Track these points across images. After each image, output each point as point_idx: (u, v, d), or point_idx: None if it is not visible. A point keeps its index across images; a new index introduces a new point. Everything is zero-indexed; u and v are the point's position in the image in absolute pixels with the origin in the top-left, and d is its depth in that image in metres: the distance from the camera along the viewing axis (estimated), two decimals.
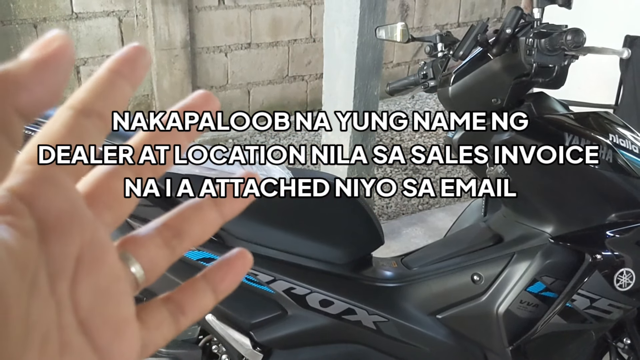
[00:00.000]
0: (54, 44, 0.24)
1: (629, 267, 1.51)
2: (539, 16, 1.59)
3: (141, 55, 0.28)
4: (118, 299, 0.27)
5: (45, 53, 0.23)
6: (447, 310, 1.63)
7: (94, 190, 0.28)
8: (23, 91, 0.22)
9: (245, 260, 0.34)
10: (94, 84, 0.27)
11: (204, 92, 0.32)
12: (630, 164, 1.54)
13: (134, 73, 0.28)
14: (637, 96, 3.36)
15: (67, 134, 0.25)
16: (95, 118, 0.26)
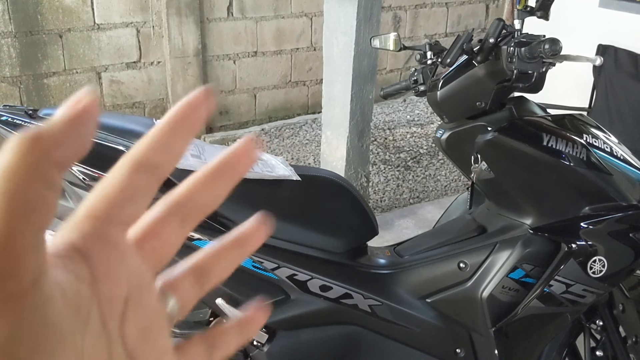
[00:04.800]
0: (83, 102, 0.25)
1: (601, 255, 1.51)
2: (520, 27, 1.58)
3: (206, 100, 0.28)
4: (159, 332, 0.29)
5: (75, 112, 0.24)
6: (436, 294, 1.63)
7: (144, 235, 0.29)
8: (58, 147, 0.23)
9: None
10: (154, 137, 0.27)
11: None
12: (602, 162, 1.54)
13: (195, 123, 0.28)
14: (609, 100, 3.36)
15: (122, 190, 0.26)
16: (151, 171, 0.27)
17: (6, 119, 1.45)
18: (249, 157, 0.31)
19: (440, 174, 3.87)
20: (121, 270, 0.26)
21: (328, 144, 3.08)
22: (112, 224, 0.26)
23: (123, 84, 3.95)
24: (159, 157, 0.27)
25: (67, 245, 0.25)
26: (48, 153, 0.23)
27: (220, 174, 0.31)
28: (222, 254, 0.33)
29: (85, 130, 0.24)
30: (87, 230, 0.25)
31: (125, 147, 1.45)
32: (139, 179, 0.27)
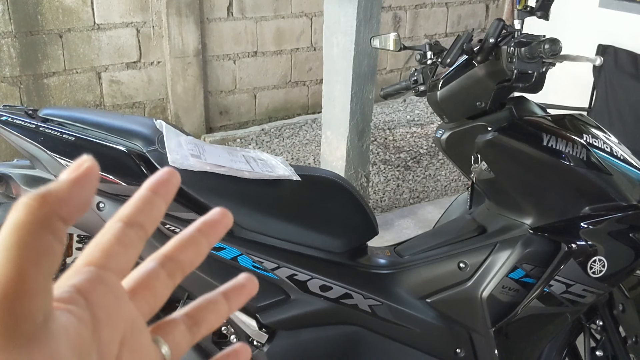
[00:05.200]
0: (84, 165, 0.28)
1: (601, 255, 1.51)
2: (519, 27, 1.58)
3: (172, 177, 0.33)
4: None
5: (78, 174, 0.28)
6: (436, 294, 1.63)
7: (136, 286, 0.32)
8: (64, 204, 0.27)
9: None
10: (137, 201, 0.32)
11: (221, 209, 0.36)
12: (602, 162, 1.54)
13: (167, 192, 0.33)
14: (609, 100, 3.36)
15: (116, 242, 0.30)
16: (138, 228, 0.31)
17: (6, 119, 1.45)
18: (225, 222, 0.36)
19: (440, 174, 3.87)
20: (119, 312, 0.29)
21: (328, 144, 3.08)
22: (109, 270, 0.29)
23: (123, 84, 3.94)
24: (143, 218, 0.31)
25: (71, 289, 0.28)
26: (55, 209, 0.26)
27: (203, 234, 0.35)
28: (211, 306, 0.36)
29: (87, 190, 0.28)
30: (88, 275, 0.28)
31: (125, 147, 1.45)
32: (129, 234, 0.30)
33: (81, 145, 1.43)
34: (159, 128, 1.53)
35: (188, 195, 1.45)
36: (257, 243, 1.52)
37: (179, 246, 0.34)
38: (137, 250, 0.31)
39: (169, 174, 0.33)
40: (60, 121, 1.50)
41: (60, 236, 0.26)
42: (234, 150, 1.60)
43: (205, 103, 4.21)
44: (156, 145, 1.47)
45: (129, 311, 0.30)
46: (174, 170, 0.33)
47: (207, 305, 0.36)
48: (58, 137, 1.44)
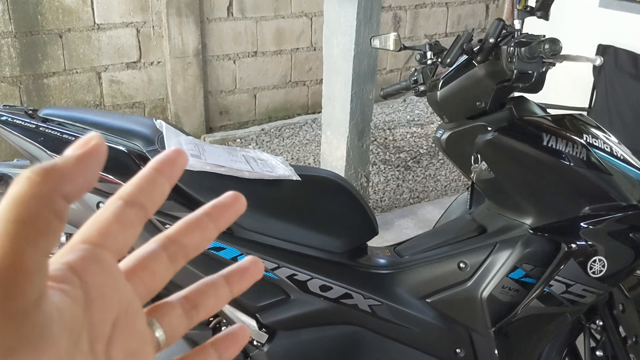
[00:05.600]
0: (91, 142, 0.28)
1: (601, 255, 1.51)
2: (519, 27, 1.58)
3: (180, 156, 0.32)
4: (144, 358, 0.30)
5: (84, 151, 0.27)
6: (436, 294, 1.63)
7: (135, 267, 0.31)
8: (67, 181, 0.26)
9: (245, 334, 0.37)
10: (140, 180, 0.31)
11: (234, 193, 0.35)
12: (602, 162, 1.54)
13: (173, 172, 0.32)
14: (609, 100, 3.36)
15: (115, 220, 0.29)
16: (138, 208, 0.30)
17: (6, 119, 1.45)
18: (236, 207, 0.35)
19: (440, 174, 3.87)
20: (113, 294, 0.28)
21: (328, 144, 3.08)
22: (106, 249, 0.28)
23: (123, 84, 3.94)
24: (144, 198, 0.30)
25: (65, 267, 0.27)
26: (58, 185, 0.25)
27: (211, 218, 0.34)
28: (211, 290, 0.35)
29: (93, 168, 0.27)
30: (83, 253, 0.28)
31: (125, 147, 1.45)
32: (129, 213, 0.29)
33: None
34: (159, 128, 1.53)
35: (188, 195, 1.45)
36: (257, 243, 1.52)
37: (184, 229, 0.33)
38: (135, 230, 0.30)
39: (176, 154, 0.32)
40: (60, 121, 1.50)
41: (61, 214, 0.25)
42: (234, 150, 1.60)
43: (205, 103, 4.21)
44: (156, 145, 1.47)
45: (124, 292, 0.29)
46: (182, 151, 0.32)
47: (206, 288, 0.35)
48: (58, 137, 1.44)
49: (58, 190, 0.25)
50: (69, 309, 0.26)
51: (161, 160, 0.31)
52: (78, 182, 0.26)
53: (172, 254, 0.32)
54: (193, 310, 0.34)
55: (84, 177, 0.27)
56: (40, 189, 0.25)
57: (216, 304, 0.35)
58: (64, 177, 0.26)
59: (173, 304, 0.33)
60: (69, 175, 0.26)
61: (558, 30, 1.97)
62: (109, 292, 0.28)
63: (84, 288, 0.27)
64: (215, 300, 0.35)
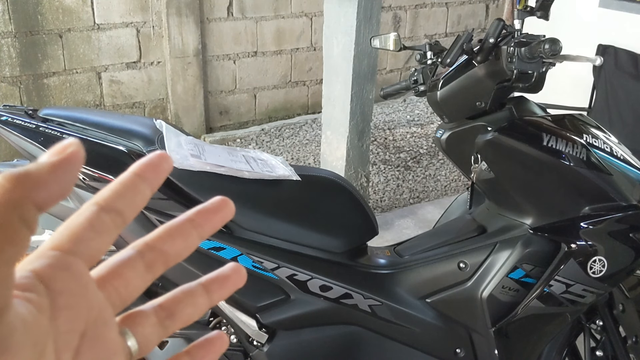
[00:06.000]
0: (68, 149, 0.26)
1: (601, 255, 1.51)
2: (519, 27, 1.58)
3: (164, 161, 0.31)
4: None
5: (61, 158, 0.26)
6: (436, 294, 1.63)
7: (108, 275, 0.30)
8: (40, 189, 0.25)
9: (222, 342, 0.35)
10: (118, 185, 0.29)
11: (222, 198, 0.33)
12: (602, 162, 1.54)
13: (155, 177, 0.30)
14: (609, 100, 3.36)
15: (89, 226, 0.28)
16: (114, 214, 0.29)
17: (6, 119, 1.46)
18: (224, 213, 0.33)
19: (440, 174, 3.87)
20: (81, 302, 0.27)
21: (328, 144, 3.08)
22: (76, 256, 0.27)
23: (123, 84, 3.94)
24: (122, 204, 0.29)
25: (32, 274, 0.26)
26: (30, 193, 0.24)
27: (194, 225, 0.32)
28: (188, 298, 0.33)
29: (68, 176, 0.26)
30: (52, 260, 0.26)
31: (125, 147, 1.45)
32: (104, 219, 0.28)
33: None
34: (159, 128, 1.53)
35: (188, 195, 1.45)
36: (257, 243, 1.51)
37: (164, 236, 0.32)
38: (110, 237, 0.28)
39: (160, 158, 0.30)
40: (60, 121, 1.50)
41: (30, 223, 0.24)
42: (234, 150, 1.60)
43: (205, 103, 4.21)
44: (156, 145, 1.47)
45: (95, 301, 0.28)
46: (166, 155, 0.31)
47: (183, 297, 0.33)
48: (58, 137, 1.44)
49: (29, 198, 0.24)
50: (33, 319, 0.24)
51: (143, 165, 0.30)
52: (51, 190, 0.25)
53: (149, 262, 0.31)
54: (168, 320, 0.32)
55: (57, 185, 0.25)
56: (10, 197, 0.24)
57: (193, 313, 0.33)
58: (37, 184, 0.25)
59: (147, 313, 0.32)
60: (42, 183, 0.25)
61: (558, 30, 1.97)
62: (77, 301, 0.27)
63: (51, 297, 0.26)
64: (192, 309, 0.33)
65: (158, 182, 0.31)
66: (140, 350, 0.31)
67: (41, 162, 0.26)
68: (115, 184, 0.29)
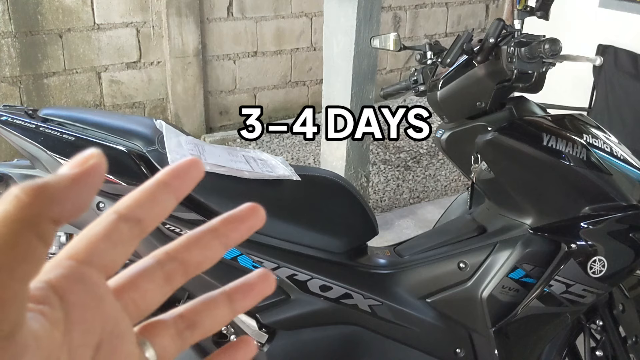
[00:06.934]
0: (90, 161, 0.25)
1: (601, 255, 1.51)
2: (519, 27, 1.58)
3: (193, 169, 0.29)
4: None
5: (81, 171, 0.25)
6: (436, 294, 1.63)
7: (125, 285, 0.29)
8: (57, 204, 0.23)
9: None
10: (140, 194, 0.28)
11: (252, 205, 0.32)
12: (602, 162, 1.54)
13: (182, 186, 0.29)
14: (609, 100, 3.36)
15: (105, 236, 0.27)
16: (133, 224, 0.27)
17: (6, 119, 1.46)
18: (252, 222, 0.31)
19: (440, 174, 3.87)
20: (96, 314, 0.26)
21: (328, 144, 3.08)
22: (92, 267, 0.26)
23: (123, 84, 3.94)
24: (143, 213, 0.28)
25: (46, 286, 0.25)
26: (47, 208, 0.23)
27: (218, 235, 0.31)
28: (209, 309, 0.32)
29: (88, 190, 0.25)
30: (66, 271, 0.26)
31: (125, 147, 1.45)
32: (121, 229, 0.27)
33: (81, 145, 1.43)
34: (159, 128, 1.53)
35: (188, 195, 1.45)
36: (257, 243, 1.51)
37: (185, 245, 0.30)
38: (128, 247, 0.27)
39: (190, 165, 0.29)
40: (60, 121, 1.50)
41: (47, 239, 0.23)
42: (234, 150, 1.60)
43: (205, 103, 4.20)
44: (156, 145, 1.47)
45: (111, 312, 0.27)
46: (198, 161, 0.29)
47: (204, 307, 0.32)
48: (58, 137, 1.44)
49: (47, 214, 0.23)
50: (47, 335, 0.24)
51: (170, 172, 0.29)
52: (70, 205, 0.24)
53: (168, 273, 0.30)
54: (188, 330, 0.31)
55: (77, 199, 0.24)
56: (27, 212, 0.23)
57: (214, 325, 0.32)
58: (55, 199, 0.23)
59: (167, 323, 0.31)
60: (60, 197, 0.24)
61: (558, 30, 1.97)
62: (92, 313, 0.26)
63: (65, 309, 0.25)
64: (212, 320, 0.32)
65: (185, 190, 0.29)
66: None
67: (61, 174, 0.24)
68: (138, 192, 0.28)
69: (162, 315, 0.31)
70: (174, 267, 0.30)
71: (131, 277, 0.29)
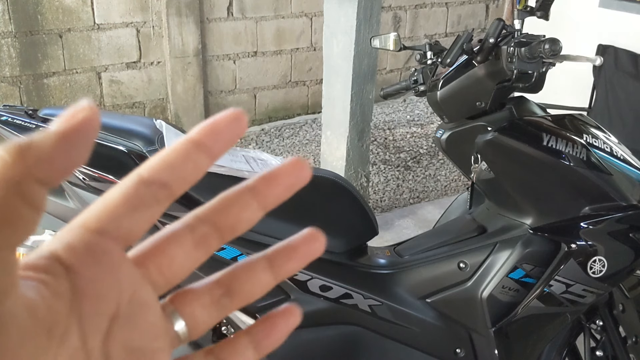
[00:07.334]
0: (80, 115, 0.23)
1: (601, 255, 1.51)
2: (519, 27, 1.58)
3: (236, 123, 0.26)
4: (155, 354, 0.27)
5: (70, 125, 0.22)
6: (436, 294, 1.63)
7: (149, 252, 0.27)
8: (44, 162, 0.22)
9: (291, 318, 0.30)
10: (168, 154, 0.26)
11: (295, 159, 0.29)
12: (602, 162, 1.54)
13: (217, 144, 0.26)
14: (609, 100, 3.36)
15: (123, 201, 0.25)
16: (157, 187, 0.25)
17: (6, 119, 1.46)
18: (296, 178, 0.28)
19: (440, 174, 3.87)
20: (109, 283, 0.25)
21: (328, 144, 3.08)
22: (105, 236, 0.25)
23: (123, 84, 3.95)
24: (169, 176, 0.26)
25: (50, 257, 0.24)
26: (33, 168, 0.21)
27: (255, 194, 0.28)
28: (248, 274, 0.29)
29: (79, 147, 0.23)
30: (76, 242, 0.24)
31: (125, 147, 1.45)
32: (143, 194, 0.25)
33: None
34: (159, 128, 1.53)
35: (187, 194, 1.45)
36: (257, 243, 1.51)
37: (219, 206, 0.28)
38: (151, 213, 0.25)
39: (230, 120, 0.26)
40: None
41: (35, 201, 0.22)
42: (234, 150, 1.60)
43: (205, 103, 4.21)
44: (156, 145, 1.47)
45: (129, 282, 0.25)
46: (242, 113, 0.26)
47: (242, 272, 0.29)
48: None
49: (32, 174, 0.21)
50: (47, 304, 0.23)
51: (205, 129, 0.26)
52: (59, 164, 0.22)
53: (200, 237, 0.27)
54: (225, 298, 0.28)
55: (66, 158, 0.22)
56: (9, 173, 0.21)
57: (254, 291, 0.29)
58: (42, 158, 0.22)
59: (199, 292, 0.28)
60: (48, 157, 0.22)
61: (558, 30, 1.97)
62: (103, 283, 0.24)
63: (71, 278, 0.24)
64: (252, 286, 0.29)
65: (222, 150, 0.26)
66: (190, 333, 0.28)
67: (49, 131, 0.22)
68: (165, 152, 0.26)
69: (194, 283, 0.29)
70: (206, 230, 0.27)
71: (157, 242, 0.27)
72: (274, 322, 0.30)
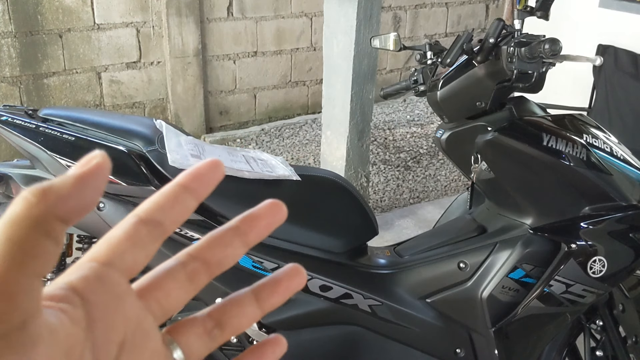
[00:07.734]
0: (93, 161, 0.26)
1: (601, 255, 1.51)
2: (520, 27, 1.58)
3: (213, 170, 0.30)
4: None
5: (85, 170, 0.26)
6: (436, 294, 1.63)
7: (149, 286, 0.30)
8: (64, 203, 0.25)
9: (278, 348, 0.35)
10: (160, 197, 0.29)
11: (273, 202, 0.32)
12: (602, 162, 1.54)
13: (201, 188, 0.30)
14: (609, 100, 3.36)
15: (126, 238, 0.28)
16: (153, 226, 0.29)
17: (6, 119, 1.46)
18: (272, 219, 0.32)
19: (440, 174, 3.87)
20: (118, 313, 0.27)
21: (328, 144, 3.08)
22: (112, 268, 0.27)
23: (123, 84, 3.94)
24: (162, 216, 0.29)
25: (67, 287, 0.26)
26: (54, 207, 0.25)
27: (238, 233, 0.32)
28: (237, 308, 0.32)
29: (93, 189, 0.26)
30: (87, 272, 0.27)
31: (125, 147, 1.45)
32: (141, 231, 0.28)
33: (81, 145, 1.43)
34: (159, 128, 1.53)
35: None
36: (258, 243, 1.51)
37: (207, 245, 0.31)
38: (149, 248, 0.29)
39: (210, 167, 0.30)
40: (60, 121, 1.50)
41: (55, 236, 0.25)
42: (234, 150, 1.60)
43: (205, 103, 4.21)
44: (156, 145, 1.47)
45: (132, 311, 0.28)
46: (218, 163, 0.30)
47: (231, 306, 0.32)
48: (58, 137, 1.44)
49: (53, 213, 0.25)
50: (65, 329, 0.25)
51: (190, 175, 0.30)
52: (76, 204, 0.25)
53: (191, 272, 0.31)
54: (217, 329, 0.32)
55: (83, 199, 0.26)
56: (34, 212, 0.24)
57: (242, 324, 0.33)
58: (62, 198, 0.25)
59: (194, 323, 0.32)
60: (66, 197, 0.25)
61: (558, 30, 1.97)
62: (113, 311, 0.27)
63: (86, 308, 0.26)
64: (240, 319, 0.32)
65: (205, 192, 0.30)
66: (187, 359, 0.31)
67: (67, 175, 0.26)
68: (157, 195, 0.29)
69: (191, 315, 0.32)
70: (196, 266, 0.31)
71: (155, 277, 0.30)
72: (262, 352, 0.34)
